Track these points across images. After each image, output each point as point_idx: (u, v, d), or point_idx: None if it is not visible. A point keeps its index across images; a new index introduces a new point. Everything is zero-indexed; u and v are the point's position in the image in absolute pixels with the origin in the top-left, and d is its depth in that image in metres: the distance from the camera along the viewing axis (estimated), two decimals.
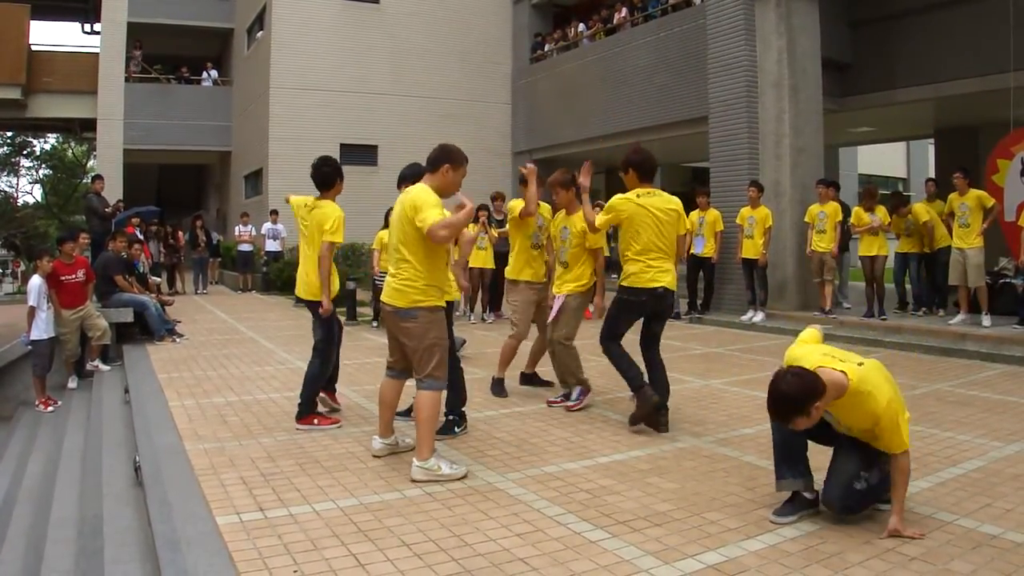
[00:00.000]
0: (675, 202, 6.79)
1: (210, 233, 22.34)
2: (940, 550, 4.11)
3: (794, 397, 4.12)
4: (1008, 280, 12.58)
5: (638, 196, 6.66)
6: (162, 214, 22.41)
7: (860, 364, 4.33)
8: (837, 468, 4.50)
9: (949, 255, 12.33)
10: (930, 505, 4.78)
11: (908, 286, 13.44)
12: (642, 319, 6.80)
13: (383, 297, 5.58)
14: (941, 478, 5.32)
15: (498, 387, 8.07)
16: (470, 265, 14.12)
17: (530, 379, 8.40)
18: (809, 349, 4.56)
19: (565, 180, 7.69)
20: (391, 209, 13.15)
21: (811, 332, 4.92)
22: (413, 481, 5.19)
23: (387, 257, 12.28)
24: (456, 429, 6.40)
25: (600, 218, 6.80)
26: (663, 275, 6.53)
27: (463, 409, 6.57)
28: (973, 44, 14.37)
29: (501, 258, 13.46)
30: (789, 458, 4.58)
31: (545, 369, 8.21)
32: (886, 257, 12.71)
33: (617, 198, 6.74)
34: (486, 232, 14.01)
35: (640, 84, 19.36)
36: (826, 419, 4.47)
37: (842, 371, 4.25)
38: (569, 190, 7.64)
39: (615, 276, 7.34)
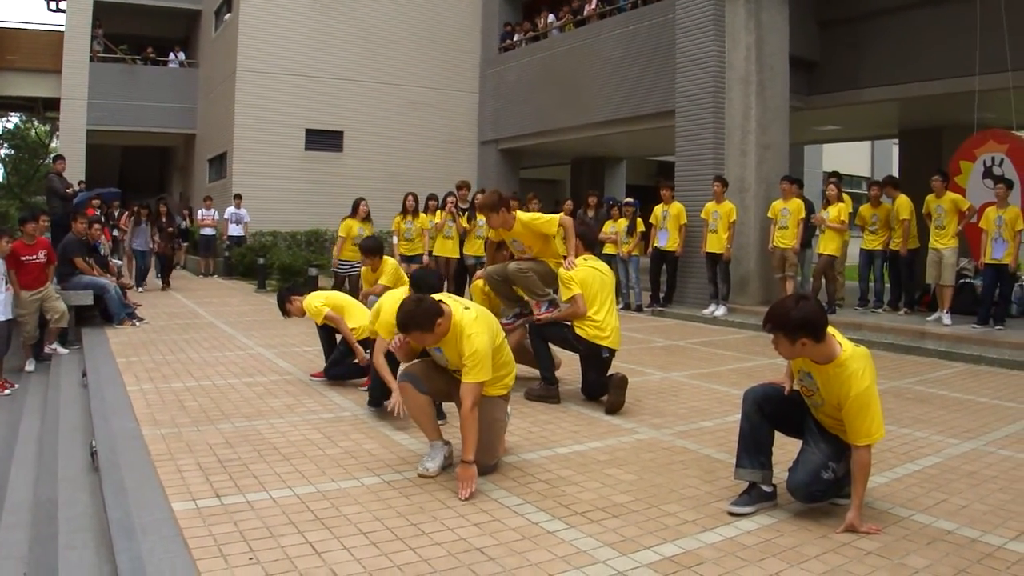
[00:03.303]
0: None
1: (174, 217, 22.13)
2: (896, 545, 4.15)
3: (792, 320, 4.26)
4: (968, 280, 12.74)
5: (585, 260, 7.45)
6: (121, 196, 22.14)
7: (855, 346, 4.46)
8: (806, 456, 4.52)
9: (917, 255, 12.52)
10: (886, 500, 4.82)
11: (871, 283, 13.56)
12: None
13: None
14: (898, 474, 5.37)
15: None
16: (435, 254, 14.09)
17: None
18: None
19: (491, 203, 7.69)
20: (360, 200, 13.21)
21: None
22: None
23: (351, 248, 12.46)
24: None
25: (570, 291, 7.23)
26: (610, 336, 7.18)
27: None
28: (939, 47, 14.51)
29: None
30: (752, 448, 4.61)
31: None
32: (831, 257, 12.80)
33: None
34: (454, 220, 13.94)
35: (608, 77, 19.36)
36: (805, 387, 4.56)
37: (839, 342, 4.41)
38: (499, 212, 7.64)
39: None
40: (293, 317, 8.37)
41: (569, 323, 7.19)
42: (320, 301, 7.94)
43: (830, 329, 4.41)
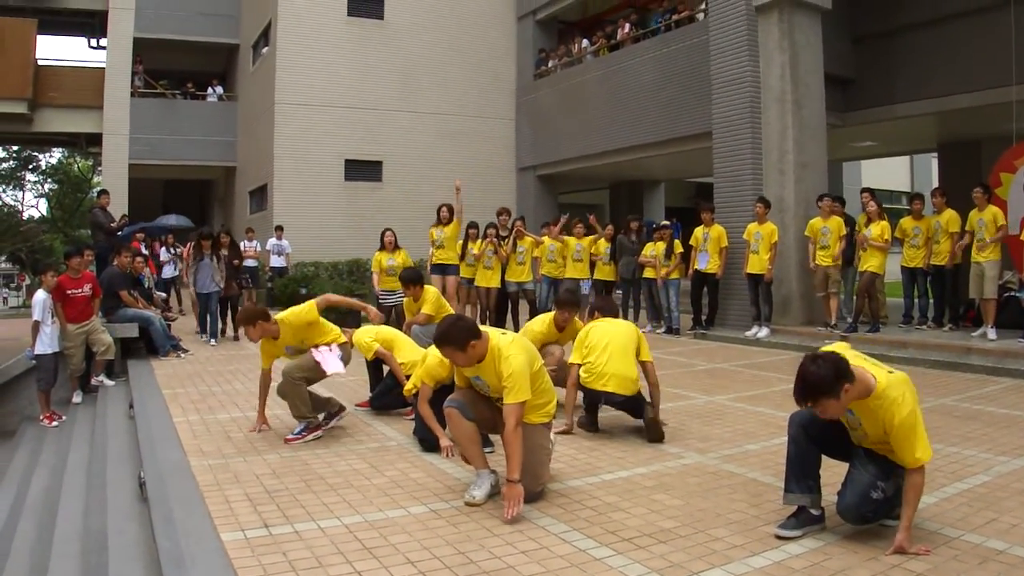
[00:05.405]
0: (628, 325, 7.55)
1: (239, 249, 22.19)
2: (946, 565, 4.10)
3: (826, 378, 4.14)
4: (1013, 294, 12.59)
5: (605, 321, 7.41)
6: (169, 229, 22.30)
7: (890, 372, 4.38)
8: (854, 477, 4.49)
9: (959, 269, 12.39)
10: (936, 520, 4.77)
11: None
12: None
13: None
14: (947, 493, 5.31)
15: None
16: (476, 284, 14.13)
17: None
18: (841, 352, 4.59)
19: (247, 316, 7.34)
20: (384, 231, 13.19)
21: (840, 345, 4.98)
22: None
23: (387, 279, 12.49)
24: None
25: (575, 355, 7.24)
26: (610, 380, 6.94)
27: None
28: (975, 58, 14.39)
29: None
30: (799, 472, 4.58)
31: None
32: (873, 275, 12.63)
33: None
34: (495, 251, 13.96)
35: (644, 100, 19.38)
36: (847, 421, 4.50)
37: (872, 374, 4.31)
38: (255, 325, 7.14)
39: None
40: None
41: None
42: (370, 336, 7.98)
43: (860, 361, 4.40)
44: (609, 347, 6.96)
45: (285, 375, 7.06)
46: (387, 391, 7.97)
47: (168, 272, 19.51)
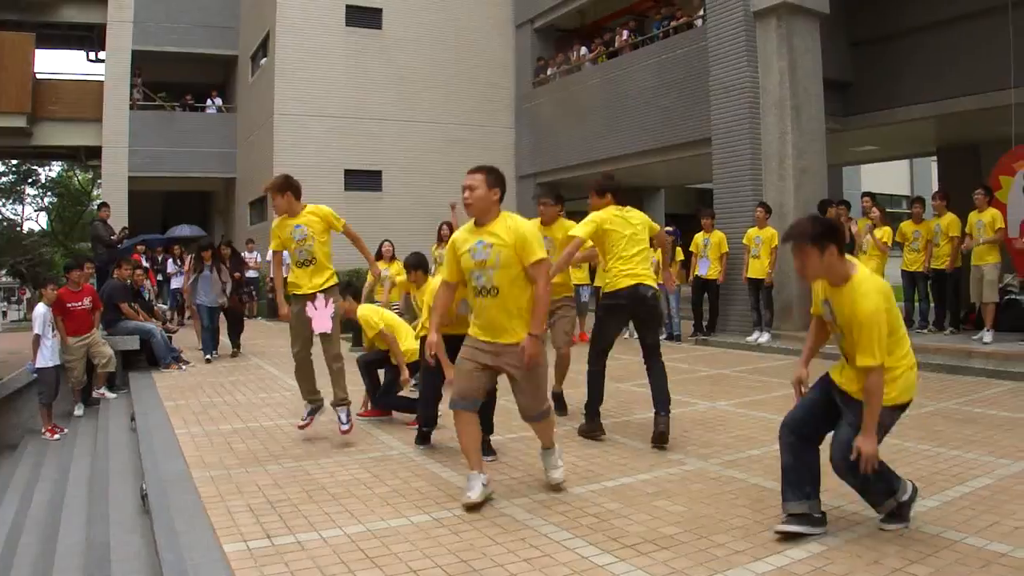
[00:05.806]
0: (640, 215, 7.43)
1: (241, 260, 22.20)
2: (949, 569, 4.10)
3: (817, 226, 4.42)
4: (1013, 297, 12.58)
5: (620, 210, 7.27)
6: (176, 240, 22.32)
7: (874, 274, 4.55)
8: (839, 435, 4.56)
9: (960, 273, 12.38)
10: (938, 524, 4.76)
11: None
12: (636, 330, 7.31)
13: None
14: (948, 497, 5.31)
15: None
16: None
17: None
18: None
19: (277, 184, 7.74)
20: (382, 243, 13.17)
21: None
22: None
23: (381, 290, 12.52)
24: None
25: (581, 228, 7.10)
26: (647, 277, 6.99)
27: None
28: (973, 61, 14.43)
29: None
30: (795, 481, 4.59)
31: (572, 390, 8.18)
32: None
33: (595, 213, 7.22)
34: None
35: (643, 106, 19.37)
36: (824, 314, 4.71)
37: (858, 267, 4.51)
38: (284, 195, 7.67)
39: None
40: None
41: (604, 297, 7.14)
42: (377, 317, 7.98)
43: (854, 259, 4.58)
44: (636, 256, 7.03)
45: (337, 357, 7.39)
46: (389, 388, 7.97)
47: (177, 283, 19.47)
